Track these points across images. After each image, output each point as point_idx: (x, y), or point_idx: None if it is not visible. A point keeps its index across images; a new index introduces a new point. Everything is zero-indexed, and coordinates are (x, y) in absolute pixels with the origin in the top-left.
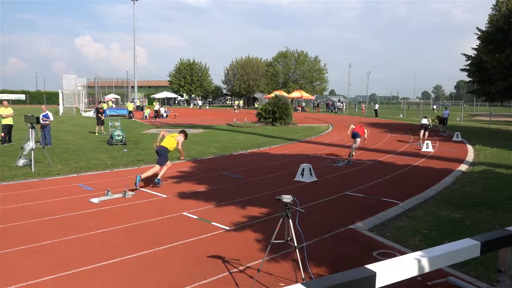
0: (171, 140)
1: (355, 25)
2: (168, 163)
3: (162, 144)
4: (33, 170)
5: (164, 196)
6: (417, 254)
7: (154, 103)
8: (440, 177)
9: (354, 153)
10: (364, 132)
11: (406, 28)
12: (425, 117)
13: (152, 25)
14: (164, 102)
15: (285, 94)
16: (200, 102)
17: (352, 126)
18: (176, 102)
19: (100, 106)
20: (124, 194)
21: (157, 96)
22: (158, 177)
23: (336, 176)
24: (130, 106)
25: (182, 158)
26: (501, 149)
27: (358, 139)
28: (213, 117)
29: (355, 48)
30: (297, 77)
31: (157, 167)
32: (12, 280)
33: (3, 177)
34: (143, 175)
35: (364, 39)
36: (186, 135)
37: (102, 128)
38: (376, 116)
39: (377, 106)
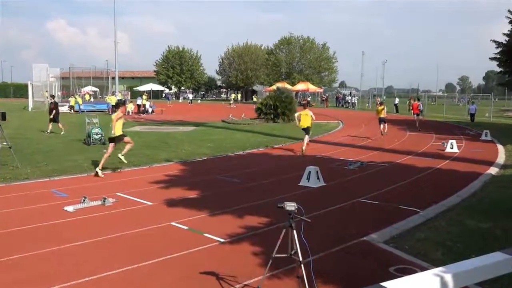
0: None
1: (368, 8)
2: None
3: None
4: None
5: (150, 203)
6: (440, 269)
7: (144, 97)
8: (466, 181)
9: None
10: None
11: (426, 12)
12: (419, 99)
13: (136, 7)
14: (151, 95)
15: (289, 87)
16: (191, 96)
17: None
18: (163, 95)
19: (52, 101)
20: (104, 201)
21: (141, 88)
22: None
23: (347, 181)
24: (113, 100)
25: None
26: None
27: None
28: (206, 113)
29: (369, 35)
30: (302, 66)
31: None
32: None
33: None
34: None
35: (379, 24)
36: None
37: (50, 125)
38: (397, 111)
39: (397, 101)
